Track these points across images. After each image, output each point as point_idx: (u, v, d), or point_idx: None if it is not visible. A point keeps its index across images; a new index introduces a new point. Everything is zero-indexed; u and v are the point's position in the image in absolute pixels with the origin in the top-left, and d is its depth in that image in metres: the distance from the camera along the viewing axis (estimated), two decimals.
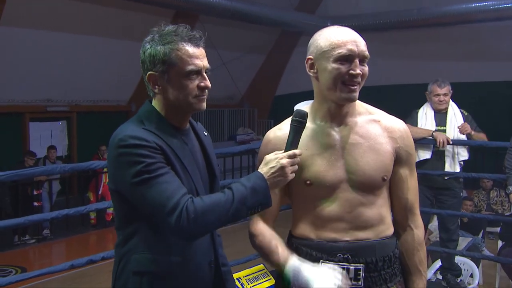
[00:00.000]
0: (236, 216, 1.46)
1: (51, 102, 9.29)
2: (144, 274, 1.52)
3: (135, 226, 1.53)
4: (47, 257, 7.42)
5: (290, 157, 1.50)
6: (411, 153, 1.68)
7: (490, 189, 6.98)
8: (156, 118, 1.56)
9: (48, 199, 8.04)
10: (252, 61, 12.33)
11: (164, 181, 1.43)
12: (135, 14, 8.61)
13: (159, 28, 1.56)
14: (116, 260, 1.59)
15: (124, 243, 1.56)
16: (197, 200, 1.43)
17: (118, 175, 1.49)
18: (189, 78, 1.53)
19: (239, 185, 1.47)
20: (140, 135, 1.47)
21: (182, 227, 1.40)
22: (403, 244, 1.69)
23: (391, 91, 10.18)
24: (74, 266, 2.66)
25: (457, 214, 4.41)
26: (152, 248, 1.53)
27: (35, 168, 3.50)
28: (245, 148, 4.77)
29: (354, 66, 1.54)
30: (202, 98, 1.58)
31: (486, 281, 4.76)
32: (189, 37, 1.53)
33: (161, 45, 1.51)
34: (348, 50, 1.53)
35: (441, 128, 4.13)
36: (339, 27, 1.61)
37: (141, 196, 1.44)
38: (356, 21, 9.80)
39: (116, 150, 1.47)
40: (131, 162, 1.44)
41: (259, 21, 9.35)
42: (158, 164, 1.45)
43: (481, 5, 8.41)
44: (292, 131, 1.54)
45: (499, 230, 5.55)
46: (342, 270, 1.54)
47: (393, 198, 1.69)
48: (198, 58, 1.54)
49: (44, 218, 3.20)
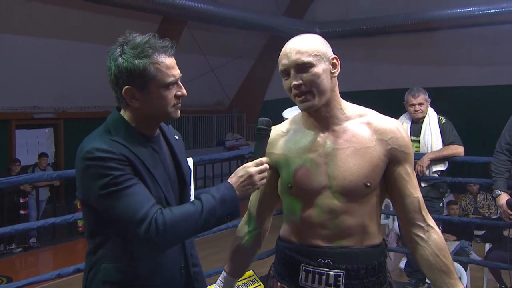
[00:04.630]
0: (205, 227, 1.49)
1: (37, 109, 9.21)
2: (114, 284, 1.53)
3: (104, 236, 1.54)
4: (33, 266, 7.33)
5: (257, 165, 1.53)
6: (408, 152, 1.60)
7: (477, 193, 7.03)
8: (124, 128, 1.54)
9: (35, 207, 7.94)
10: (240, 66, 12.34)
11: (132, 193, 1.43)
12: (123, 20, 8.57)
13: (125, 38, 1.53)
14: (86, 269, 1.59)
15: (94, 252, 1.56)
16: (166, 212, 1.44)
17: (86, 187, 1.49)
18: (168, 89, 1.54)
19: (209, 196, 1.49)
20: (107, 147, 1.46)
21: (151, 239, 1.41)
22: (432, 246, 1.60)
23: (380, 96, 10.24)
24: (61, 275, 2.64)
25: (445, 219, 4.43)
26: (121, 258, 1.53)
27: (23, 175, 3.45)
28: (233, 154, 4.77)
29: (291, 79, 1.54)
30: (179, 106, 1.59)
31: (474, 285, 4.79)
32: (163, 48, 1.53)
33: (138, 59, 1.48)
34: (282, 65, 1.56)
35: (415, 138, 4.13)
36: (293, 38, 1.60)
37: (110, 208, 1.45)
38: (344, 26, 9.89)
39: (83, 163, 1.47)
40: (98, 175, 1.44)
41: (247, 27, 9.37)
42: (126, 176, 1.45)
43: (466, 11, 8.53)
44: (258, 140, 1.57)
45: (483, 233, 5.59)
46: (322, 276, 1.56)
47: (399, 200, 1.62)
48: (174, 68, 1.55)
49: (31, 227, 3.16)
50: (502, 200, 3.38)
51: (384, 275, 1.64)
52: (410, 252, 1.68)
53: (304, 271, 1.60)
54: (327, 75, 1.55)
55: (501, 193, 3.40)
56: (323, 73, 1.53)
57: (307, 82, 1.52)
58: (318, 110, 1.58)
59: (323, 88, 1.53)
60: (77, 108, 9.82)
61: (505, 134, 3.43)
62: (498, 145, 3.47)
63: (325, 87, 1.54)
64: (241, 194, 1.52)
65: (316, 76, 1.52)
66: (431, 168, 4.07)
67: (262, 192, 1.74)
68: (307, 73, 1.52)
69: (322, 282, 1.57)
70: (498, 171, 3.43)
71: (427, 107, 4.16)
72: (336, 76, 1.59)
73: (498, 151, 3.44)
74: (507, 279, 4.23)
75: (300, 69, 1.53)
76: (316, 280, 1.57)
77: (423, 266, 1.63)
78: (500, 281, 4.46)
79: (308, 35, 1.60)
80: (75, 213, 3.03)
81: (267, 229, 1.83)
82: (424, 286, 4.48)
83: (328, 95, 1.56)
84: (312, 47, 1.54)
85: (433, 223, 1.63)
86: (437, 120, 4.13)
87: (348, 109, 1.63)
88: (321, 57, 1.54)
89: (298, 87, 1.53)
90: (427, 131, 4.10)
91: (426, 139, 4.09)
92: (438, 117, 4.16)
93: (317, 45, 1.55)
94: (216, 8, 8.16)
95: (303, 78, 1.52)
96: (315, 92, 1.53)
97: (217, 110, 12.86)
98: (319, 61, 1.53)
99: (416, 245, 1.63)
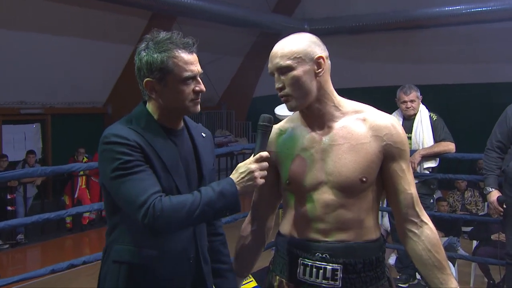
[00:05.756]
0: (202, 218, 1.53)
1: (24, 104, 9.10)
2: (122, 264, 1.61)
3: (118, 218, 1.63)
4: (21, 263, 7.25)
5: (258, 161, 1.55)
6: (403, 148, 1.62)
7: (464, 190, 7.11)
8: (145, 119, 1.63)
9: (22, 204, 7.87)
10: (230, 63, 12.32)
11: (138, 178, 1.50)
12: (112, 15, 8.51)
13: (152, 35, 1.62)
14: (104, 248, 1.69)
15: (110, 233, 1.66)
16: (165, 199, 1.49)
17: (101, 169, 1.59)
18: (186, 84, 1.60)
19: (209, 188, 1.53)
20: (123, 133, 1.55)
21: (148, 224, 1.47)
22: (425, 241, 1.63)
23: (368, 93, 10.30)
24: (55, 270, 2.61)
25: (435, 215, 4.47)
26: (131, 240, 1.61)
27: (15, 171, 3.42)
28: (224, 151, 4.77)
29: (275, 82, 1.60)
30: (197, 101, 1.65)
31: (461, 280, 4.85)
32: (183, 44, 1.60)
33: (157, 53, 1.57)
34: (268, 68, 1.62)
35: (407, 135, 4.15)
36: (280, 40, 1.62)
37: (116, 190, 1.53)
38: (333, 23, 9.92)
39: (101, 146, 1.56)
40: (110, 158, 1.53)
41: (237, 23, 9.36)
42: (135, 162, 1.52)
43: (455, 9, 8.62)
44: (259, 136, 1.59)
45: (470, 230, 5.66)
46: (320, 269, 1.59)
47: (394, 196, 1.64)
48: (193, 64, 1.61)
49: (24, 223, 3.13)
50: (493, 197, 3.42)
51: (382, 270, 1.66)
52: (404, 247, 1.71)
53: (302, 265, 1.62)
54: (309, 76, 1.57)
55: (492, 190, 3.44)
56: (304, 75, 1.56)
57: (287, 85, 1.57)
58: (310, 108, 1.61)
59: (303, 90, 1.57)
60: (65, 104, 9.72)
61: (495, 131, 3.46)
62: (489, 143, 3.50)
63: (306, 89, 1.57)
64: (242, 190, 1.54)
65: (295, 79, 1.56)
66: (422, 165, 4.11)
67: (263, 191, 1.77)
68: (286, 76, 1.57)
69: (320, 276, 1.59)
70: (489, 168, 3.47)
71: (419, 104, 4.19)
72: (323, 74, 1.60)
73: (489, 149, 3.48)
74: (495, 275, 4.29)
75: (281, 72, 1.58)
76: (314, 274, 1.60)
77: (416, 261, 1.66)
78: (488, 277, 4.52)
79: (294, 36, 1.62)
80: (63, 209, 3.02)
81: (270, 227, 1.86)
82: (414, 281, 4.53)
83: (312, 95, 1.58)
84: (294, 49, 1.56)
85: (427, 219, 1.66)
86: (429, 117, 4.17)
87: (344, 105, 1.65)
88: (302, 58, 1.56)
89: (279, 89, 1.60)
90: (418, 128, 4.14)
91: (418, 136, 4.13)
92: (429, 114, 4.19)
93: (299, 46, 1.57)
94: (205, 4, 8.14)
95: (284, 81, 1.58)
96: (294, 95, 1.57)
97: (206, 107, 12.82)
98: (300, 64, 1.56)
99: (409, 240, 1.66)
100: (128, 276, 1.60)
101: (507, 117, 3.38)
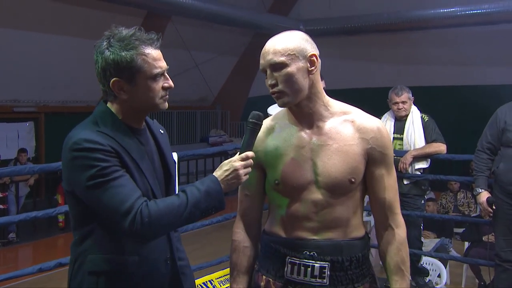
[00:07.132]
0: (190, 219, 1.50)
1: (18, 102, 9.07)
2: (100, 274, 1.53)
3: (90, 227, 1.54)
4: (12, 261, 7.22)
5: (243, 159, 1.54)
6: (386, 153, 1.64)
7: (457, 191, 7.13)
8: (111, 120, 1.56)
9: (14, 202, 7.84)
10: (225, 63, 12.32)
11: (118, 184, 1.45)
12: (106, 14, 8.47)
13: (111, 31, 1.55)
14: (72, 260, 1.60)
15: (80, 243, 1.57)
16: (151, 204, 1.45)
17: (72, 178, 1.50)
18: (155, 81, 1.55)
19: (193, 188, 1.50)
20: (95, 138, 1.47)
21: (136, 231, 1.42)
22: (384, 244, 1.68)
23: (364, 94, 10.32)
24: (43, 269, 2.60)
25: (426, 216, 4.48)
26: (107, 248, 1.54)
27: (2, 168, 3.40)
28: (217, 150, 4.76)
29: (267, 78, 1.59)
30: (166, 98, 1.61)
31: (453, 281, 4.86)
32: (149, 40, 1.55)
33: (124, 51, 1.50)
34: (260, 65, 1.61)
35: (399, 136, 4.19)
36: (273, 37, 1.62)
37: (96, 200, 1.46)
38: (328, 24, 9.92)
39: (71, 153, 1.48)
40: (85, 166, 1.45)
41: (232, 23, 9.35)
42: (113, 167, 1.46)
43: (450, 11, 8.65)
44: (248, 133, 1.58)
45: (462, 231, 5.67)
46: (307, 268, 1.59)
47: (372, 199, 1.69)
48: (161, 60, 1.57)
49: (11, 221, 3.11)
50: (482, 198, 3.43)
51: (367, 267, 1.69)
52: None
53: (290, 264, 1.62)
54: (302, 73, 1.57)
55: (482, 191, 3.45)
56: (298, 72, 1.56)
57: (280, 81, 1.56)
58: (300, 106, 1.62)
59: (296, 87, 1.57)
60: (58, 102, 9.69)
61: (486, 133, 3.48)
62: (479, 144, 3.51)
63: (299, 86, 1.57)
64: (226, 188, 1.53)
65: (288, 76, 1.55)
66: (414, 165, 4.11)
67: (255, 198, 1.74)
68: (280, 72, 1.56)
69: (308, 274, 1.60)
70: (479, 169, 3.48)
71: (411, 105, 4.20)
72: (315, 73, 1.60)
73: (480, 150, 3.50)
74: (486, 276, 4.31)
75: (274, 68, 1.57)
76: (302, 272, 1.60)
77: (382, 261, 1.71)
78: (480, 278, 4.54)
79: (287, 33, 1.62)
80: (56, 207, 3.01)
81: (261, 226, 1.83)
82: None
83: (304, 92, 1.58)
84: (287, 46, 1.56)
85: (398, 223, 1.68)
86: (420, 118, 4.18)
87: (332, 105, 1.66)
88: (296, 55, 1.56)
89: (272, 86, 1.58)
90: (410, 129, 4.15)
91: (409, 136, 4.14)
92: (421, 115, 4.20)
93: (293, 43, 1.57)
94: (201, 4, 8.12)
95: (277, 78, 1.56)
96: (288, 91, 1.56)
97: (201, 106, 12.82)
98: (293, 60, 1.55)
99: (379, 241, 1.71)
100: (108, 287, 1.54)
101: (497, 119, 3.40)
